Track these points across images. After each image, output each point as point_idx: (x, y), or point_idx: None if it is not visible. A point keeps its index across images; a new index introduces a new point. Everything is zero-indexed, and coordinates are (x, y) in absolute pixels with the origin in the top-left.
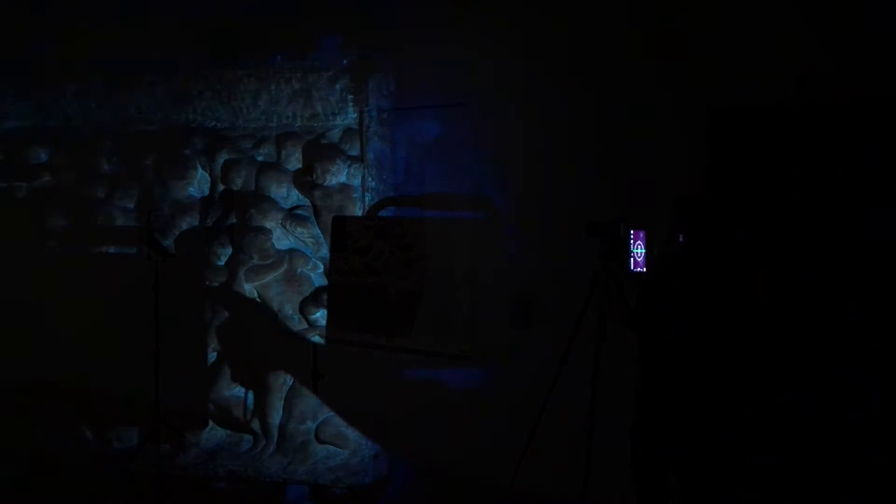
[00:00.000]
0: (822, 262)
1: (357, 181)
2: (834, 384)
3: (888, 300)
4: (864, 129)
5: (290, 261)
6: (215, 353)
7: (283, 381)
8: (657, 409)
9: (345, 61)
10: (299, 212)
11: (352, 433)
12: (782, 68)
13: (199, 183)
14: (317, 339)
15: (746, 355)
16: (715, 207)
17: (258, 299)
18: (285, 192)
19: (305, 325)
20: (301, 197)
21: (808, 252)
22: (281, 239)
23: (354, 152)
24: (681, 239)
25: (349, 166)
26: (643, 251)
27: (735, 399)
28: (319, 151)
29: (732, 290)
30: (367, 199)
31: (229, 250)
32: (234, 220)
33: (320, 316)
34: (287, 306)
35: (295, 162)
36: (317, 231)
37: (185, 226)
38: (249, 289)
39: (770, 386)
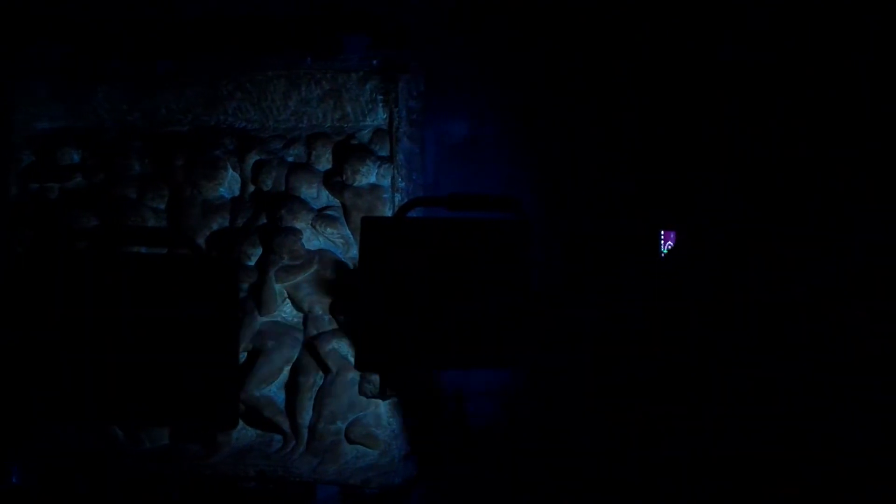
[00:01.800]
0: (822, 262)
1: (387, 181)
2: (834, 384)
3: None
4: None
5: (321, 261)
6: (245, 353)
7: (313, 382)
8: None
9: (374, 62)
10: (329, 212)
11: (381, 433)
12: None
13: (229, 183)
14: None
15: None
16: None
17: (288, 300)
18: (315, 193)
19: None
20: (331, 198)
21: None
22: (311, 239)
23: (384, 153)
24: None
25: (379, 167)
26: None
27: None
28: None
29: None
30: (396, 199)
31: (259, 251)
32: (265, 221)
33: None
34: (317, 307)
35: (325, 163)
36: (347, 231)
37: (215, 226)
38: (280, 289)
39: (769, 385)
